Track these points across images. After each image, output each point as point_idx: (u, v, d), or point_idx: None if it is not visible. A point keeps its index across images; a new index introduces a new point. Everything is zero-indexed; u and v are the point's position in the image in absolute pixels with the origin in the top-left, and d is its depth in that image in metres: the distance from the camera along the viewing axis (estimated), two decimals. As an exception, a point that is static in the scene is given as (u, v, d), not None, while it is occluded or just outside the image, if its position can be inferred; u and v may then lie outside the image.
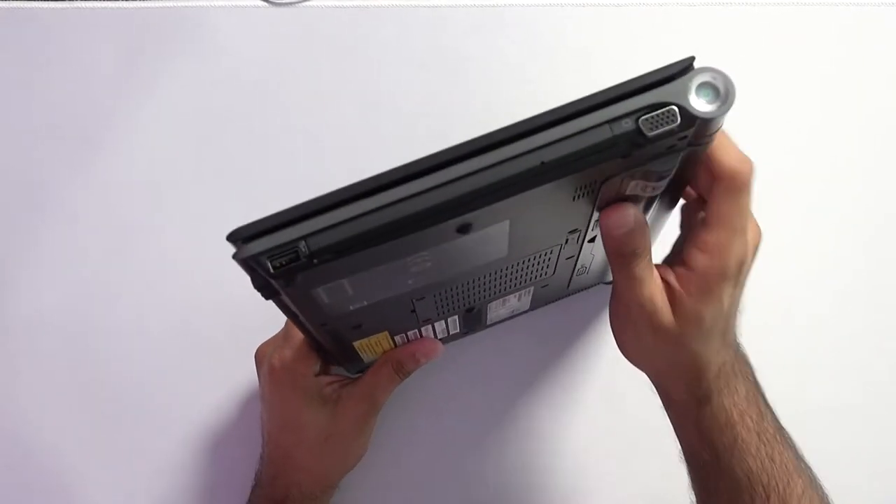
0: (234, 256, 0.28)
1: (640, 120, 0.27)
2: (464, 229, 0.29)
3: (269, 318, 0.48)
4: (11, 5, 0.51)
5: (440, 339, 0.42)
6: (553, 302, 0.45)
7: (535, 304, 0.43)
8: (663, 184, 0.31)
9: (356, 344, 0.39)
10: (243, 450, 0.47)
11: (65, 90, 0.50)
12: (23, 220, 0.50)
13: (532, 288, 0.40)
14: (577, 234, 0.35)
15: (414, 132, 0.49)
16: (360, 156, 0.49)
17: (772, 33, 0.50)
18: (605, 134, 0.27)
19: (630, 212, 0.31)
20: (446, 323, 0.40)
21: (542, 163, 0.27)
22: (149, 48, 0.50)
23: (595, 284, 0.46)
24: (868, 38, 0.50)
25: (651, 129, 0.27)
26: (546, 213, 0.31)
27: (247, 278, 0.49)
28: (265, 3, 0.50)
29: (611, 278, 0.35)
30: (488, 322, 0.43)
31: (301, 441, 0.41)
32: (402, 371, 0.41)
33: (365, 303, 0.33)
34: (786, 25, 0.50)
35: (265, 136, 0.50)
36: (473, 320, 0.42)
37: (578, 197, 0.30)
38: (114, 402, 0.48)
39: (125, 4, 0.51)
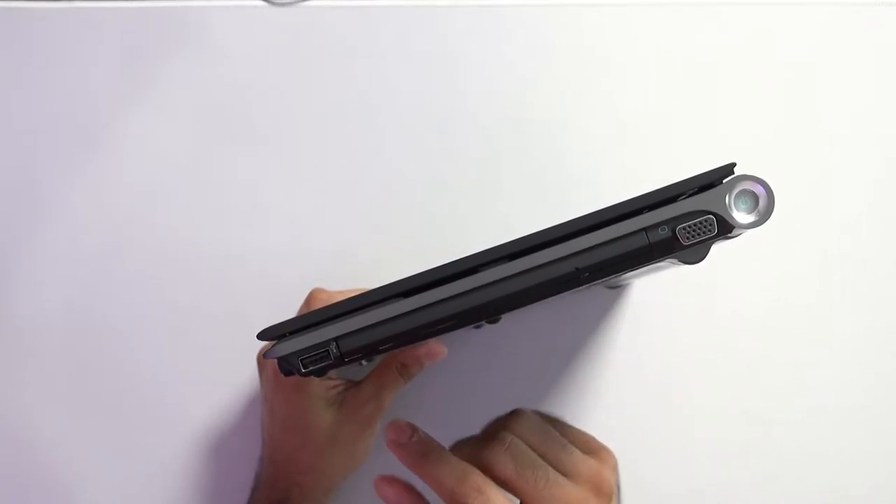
0: (266, 356, 0.29)
1: (677, 229, 0.27)
2: (493, 321, 0.30)
3: (270, 321, 0.48)
4: (11, 5, 0.51)
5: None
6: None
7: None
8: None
9: (363, 361, 0.40)
10: (244, 451, 0.47)
11: (64, 90, 0.50)
12: (23, 219, 0.50)
13: None
14: None
15: (413, 132, 0.49)
16: (359, 155, 0.49)
17: (772, 33, 0.50)
18: (640, 241, 0.28)
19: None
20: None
21: (577, 269, 0.28)
22: (149, 48, 0.50)
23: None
24: (869, 38, 0.50)
25: (688, 239, 0.27)
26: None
27: (246, 278, 0.49)
28: (265, 3, 0.50)
29: (617, 285, 0.35)
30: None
31: (306, 443, 0.41)
32: (406, 374, 0.41)
33: (382, 356, 0.34)
34: (786, 25, 0.50)
35: (264, 135, 0.50)
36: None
37: None
38: (113, 402, 0.48)
39: (125, 4, 0.51)
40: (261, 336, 0.30)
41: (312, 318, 0.29)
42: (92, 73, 0.50)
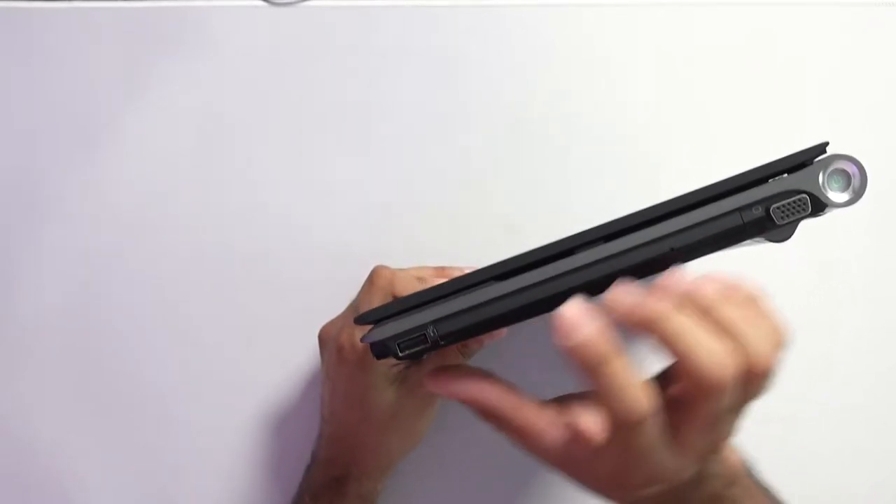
0: (363, 340, 0.29)
1: (771, 208, 0.28)
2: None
3: (269, 320, 0.48)
4: (11, 5, 0.51)
5: None
6: None
7: None
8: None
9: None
10: (246, 451, 0.47)
11: (64, 90, 0.50)
12: (23, 219, 0.50)
13: None
14: None
15: (413, 132, 0.49)
16: (359, 155, 0.49)
17: (772, 33, 0.50)
18: (734, 221, 0.28)
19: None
20: None
21: (672, 249, 0.28)
22: (149, 48, 0.50)
23: None
24: (869, 38, 0.50)
25: (782, 218, 0.28)
26: None
27: (246, 277, 0.49)
28: (265, 3, 0.50)
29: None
30: None
31: (368, 419, 0.41)
32: (466, 352, 0.41)
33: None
34: (786, 25, 0.50)
35: (264, 135, 0.50)
36: None
37: None
38: (113, 402, 0.48)
39: (125, 4, 0.51)
40: (357, 321, 0.30)
41: (408, 302, 0.29)
42: (92, 73, 0.50)
